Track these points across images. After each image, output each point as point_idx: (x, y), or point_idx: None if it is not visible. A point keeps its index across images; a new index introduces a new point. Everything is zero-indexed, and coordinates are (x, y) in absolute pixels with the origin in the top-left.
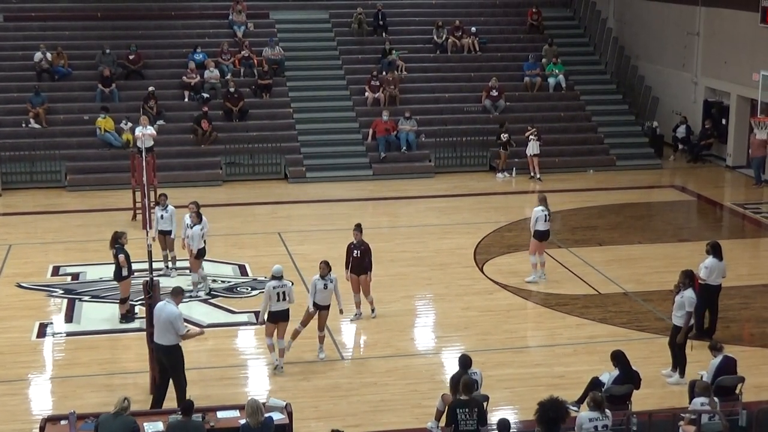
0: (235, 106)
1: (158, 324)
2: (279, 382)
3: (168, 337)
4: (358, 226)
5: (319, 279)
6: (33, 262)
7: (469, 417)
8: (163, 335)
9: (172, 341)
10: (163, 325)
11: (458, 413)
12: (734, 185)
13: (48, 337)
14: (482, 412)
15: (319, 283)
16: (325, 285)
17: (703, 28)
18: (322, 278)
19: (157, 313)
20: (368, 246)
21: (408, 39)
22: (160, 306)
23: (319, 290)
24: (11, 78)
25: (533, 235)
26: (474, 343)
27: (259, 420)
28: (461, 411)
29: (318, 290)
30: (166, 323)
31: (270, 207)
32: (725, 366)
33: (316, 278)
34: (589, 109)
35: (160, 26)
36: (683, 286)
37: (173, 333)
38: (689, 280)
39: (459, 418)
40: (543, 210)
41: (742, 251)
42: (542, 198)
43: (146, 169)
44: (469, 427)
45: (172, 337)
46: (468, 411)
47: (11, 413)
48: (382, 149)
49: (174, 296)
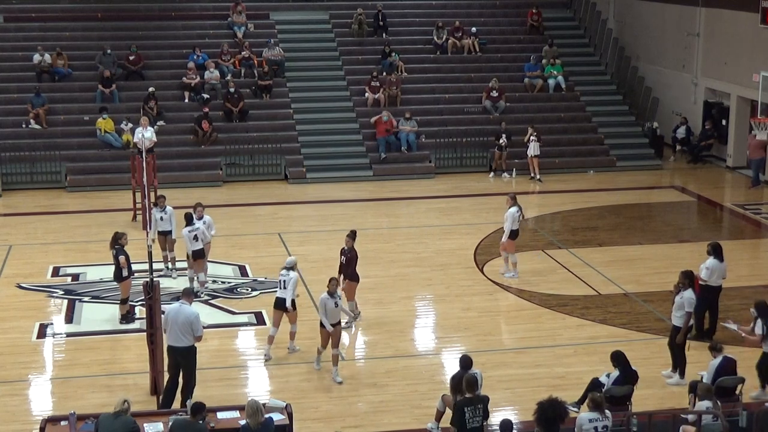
0: (235, 106)
1: (176, 326)
2: (279, 383)
3: (185, 339)
4: (352, 233)
5: (329, 297)
6: (33, 263)
7: (476, 414)
8: (181, 337)
9: (189, 342)
10: (181, 327)
11: (466, 411)
12: (734, 186)
13: (48, 338)
14: (486, 408)
15: (329, 302)
16: (336, 303)
17: (703, 28)
18: (331, 296)
19: (173, 315)
20: (356, 254)
21: (408, 40)
22: (176, 308)
23: (330, 309)
24: (11, 79)
25: (510, 236)
26: (474, 343)
27: (260, 421)
28: (468, 409)
29: (329, 309)
30: (185, 325)
31: (270, 208)
32: (725, 367)
33: (325, 297)
34: (589, 110)
35: (160, 27)
36: (683, 286)
37: (191, 334)
38: (689, 280)
39: (467, 417)
40: (517, 210)
41: (742, 252)
42: (513, 197)
43: (146, 169)
44: (475, 423)
45: (190, 339)
46: (473, 408)
47: (11, 414)
48: (383, 150)
49: (186, 297)
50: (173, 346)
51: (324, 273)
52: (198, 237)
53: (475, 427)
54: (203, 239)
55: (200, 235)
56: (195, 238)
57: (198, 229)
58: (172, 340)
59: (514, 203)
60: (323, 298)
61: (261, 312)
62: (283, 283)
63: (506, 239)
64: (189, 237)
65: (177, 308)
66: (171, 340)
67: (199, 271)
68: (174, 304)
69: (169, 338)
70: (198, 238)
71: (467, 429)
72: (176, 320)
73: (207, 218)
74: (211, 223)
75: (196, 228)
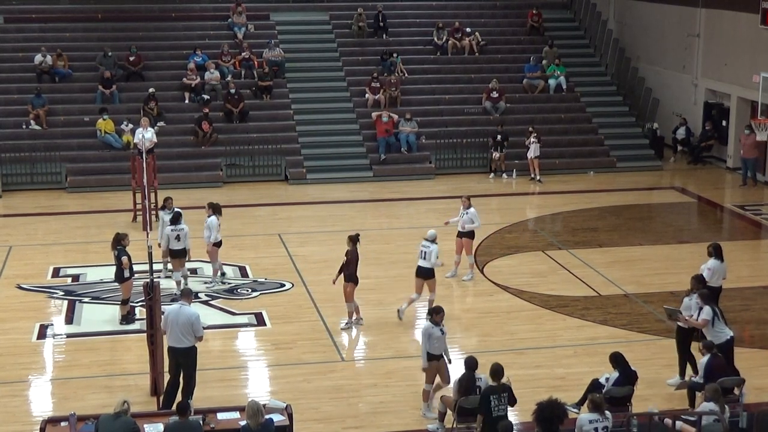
0: (235, 107)
1: (176, 327)
2: (279, 384)
3: (186, 340)
4: (354, 237)
5: (434, 326)
6: (33, 264)
7: (501, 402)
8: (182, 338)
9: (190, 343)
10: (182, 327)
11: (491, 400)
12: (734, 187)
13: (48, 339)
14: (512, 395)
15: (435, 330)
16: (442, 331)
17: (703, 29)
18: (436, 325)
19: (173, 317)
20: (356, 257)
21: (408, 40)
22: (175, 309)
23: (436, 337)
24: (12, 80)
25: (471, 236)
26: (475, 344)
27: (260, 421)
28: (494, 397)
29: (434, 338)
30: (185, 326)
31: (270, 208)
32: (713, 364)
33: (429, 326)
34: (589, 111)
35: (160, 28)
36: (696, 290)
37: (192, 335)
38: (701, 285)
39: (492, 405)
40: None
41: (742, 253)
42: (469, 198)
43: (146, 170)
44: (500, 412)
45: (191, 339)
46: (498, 396)
47: (11, 415)
48: (383, 151)
49: (185, 297)
50: (174, 347)
51: (324, 274)
52: (180, 237)
53: (500, 415)
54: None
55: (183, 235)
56: (177, 237)
57: (182, 230)
58: (173, 341)
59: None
60: (427, 327)
61: (261, 313)
62: (424, 254)
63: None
64: (171, 236)
65: (177, 309)
66: (172, 341)
67: (177, 270)
68: (174, 305)
69: (170, 339)
70: (180, 238)
71: (493, 417)
72: (177, 321)
73: (210, 219)
74: (212, 225)
75: (180, 228)
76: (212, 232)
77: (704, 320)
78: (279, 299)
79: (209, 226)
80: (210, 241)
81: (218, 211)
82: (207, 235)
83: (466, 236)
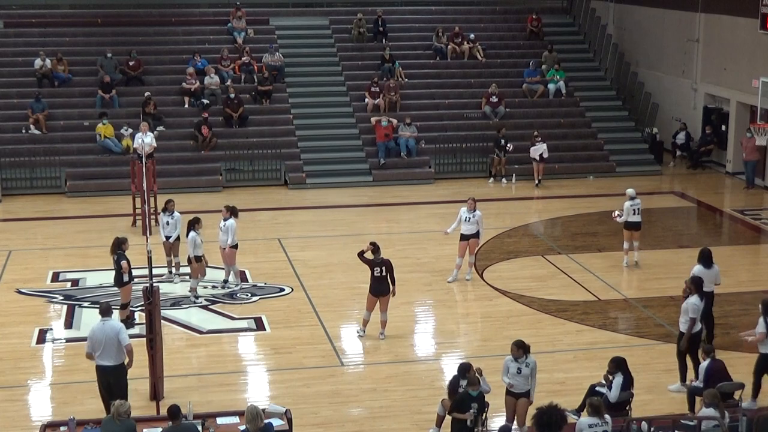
0: (235, 112)
1: (106, 344)
2: (279, 388)
3: (116, 356)
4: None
5: (512, 360)
6: (33, 268)
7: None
8: (111, 355)
9: (119, 360)
10: (110, 342)
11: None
12: (734, 191)
13: (48, 343)
14: (482, 404)
15: (512, 366)
16: (519, 369)
17: (702, 34)
18: (516, 360)
19: (98, 335)
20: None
21: (408, 45)
22: (99, 327)
23: (512, 374)
24: (11, 84)
25: (478, 236)
26: (474, 349)
27: (259, 426)
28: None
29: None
30: (113, 339)
31: (270, 213)
32: (713, 369)
33: (509, 359)
34: (589, 116)
35: (160, 32)
36: (689, 292)
37: (119, 349)
38: (695, 286)
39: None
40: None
41: (741, 257)
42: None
43: (146, 175)
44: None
45: (120, 355)
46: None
47: (11, 419)
48: (382, 155)
49: (106, 314)
50: (104, 365)
51: (324, 278)
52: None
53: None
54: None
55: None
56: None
57: (175, 226)
58: (105, 359)
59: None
60: (507, 361)
61: (261, 317)
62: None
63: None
64: (190, 242)
65: (101, 326)
66: (102, 359)
67: (194, 276)
68: (96, 324)
69: (100, 358)
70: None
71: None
72: (106, 336)
73: (229, 222)
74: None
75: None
76: (230, 235)
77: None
78: (279, 304)
79: (228, 229)
80: (228, 245)
81: (236, 213)
82: (224, 239)
83: (473, 237)
